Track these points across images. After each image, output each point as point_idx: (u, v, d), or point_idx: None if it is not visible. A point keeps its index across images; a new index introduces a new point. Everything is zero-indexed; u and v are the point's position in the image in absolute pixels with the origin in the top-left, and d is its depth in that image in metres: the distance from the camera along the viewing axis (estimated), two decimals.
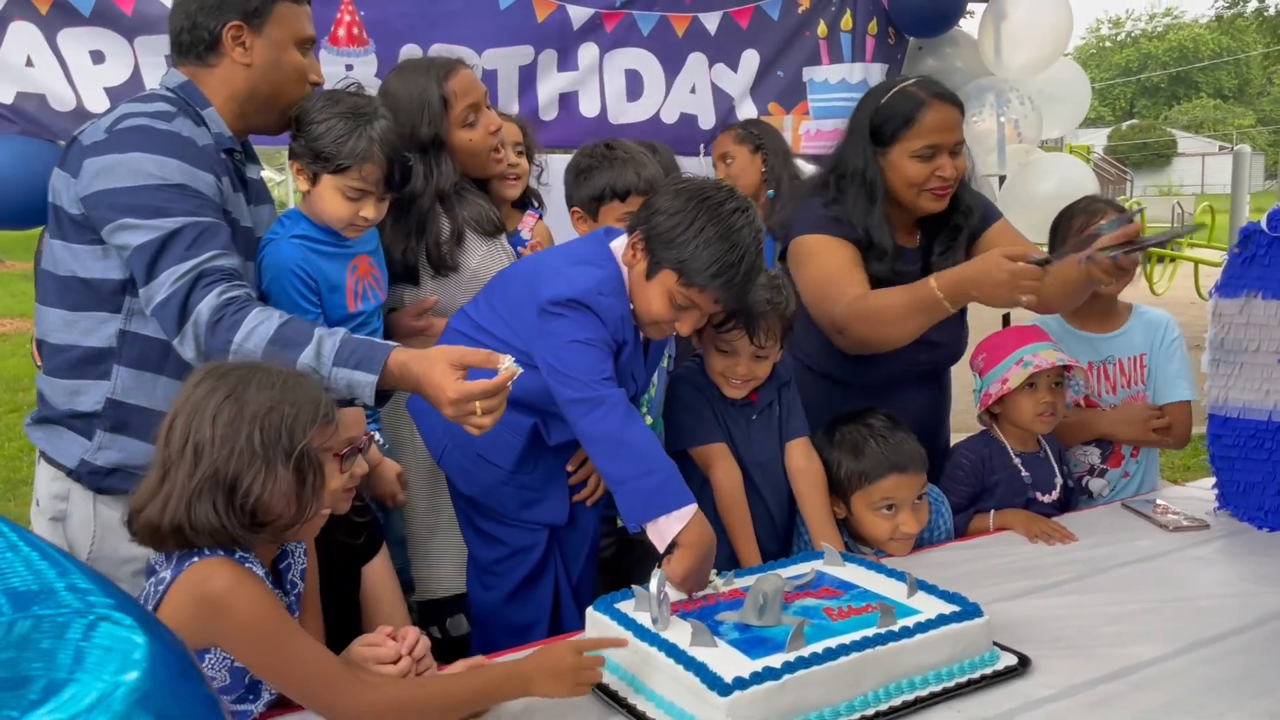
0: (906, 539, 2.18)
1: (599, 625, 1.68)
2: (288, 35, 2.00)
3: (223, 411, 1.47)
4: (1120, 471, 2.67)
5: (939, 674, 1.59)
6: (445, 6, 3.38)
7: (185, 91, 1.97)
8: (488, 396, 1.64)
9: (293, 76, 2.03)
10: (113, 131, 1.85)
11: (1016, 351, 2.43)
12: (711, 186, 1.93)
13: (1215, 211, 12.54)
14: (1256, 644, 1.77)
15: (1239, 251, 2.32)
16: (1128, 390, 2.67)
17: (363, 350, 1.71)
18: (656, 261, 1.89)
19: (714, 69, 3.82)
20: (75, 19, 3.00)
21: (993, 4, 4.14)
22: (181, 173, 1.83)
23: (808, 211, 2.49)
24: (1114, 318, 2.71)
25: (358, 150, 2.03)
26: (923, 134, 2.35)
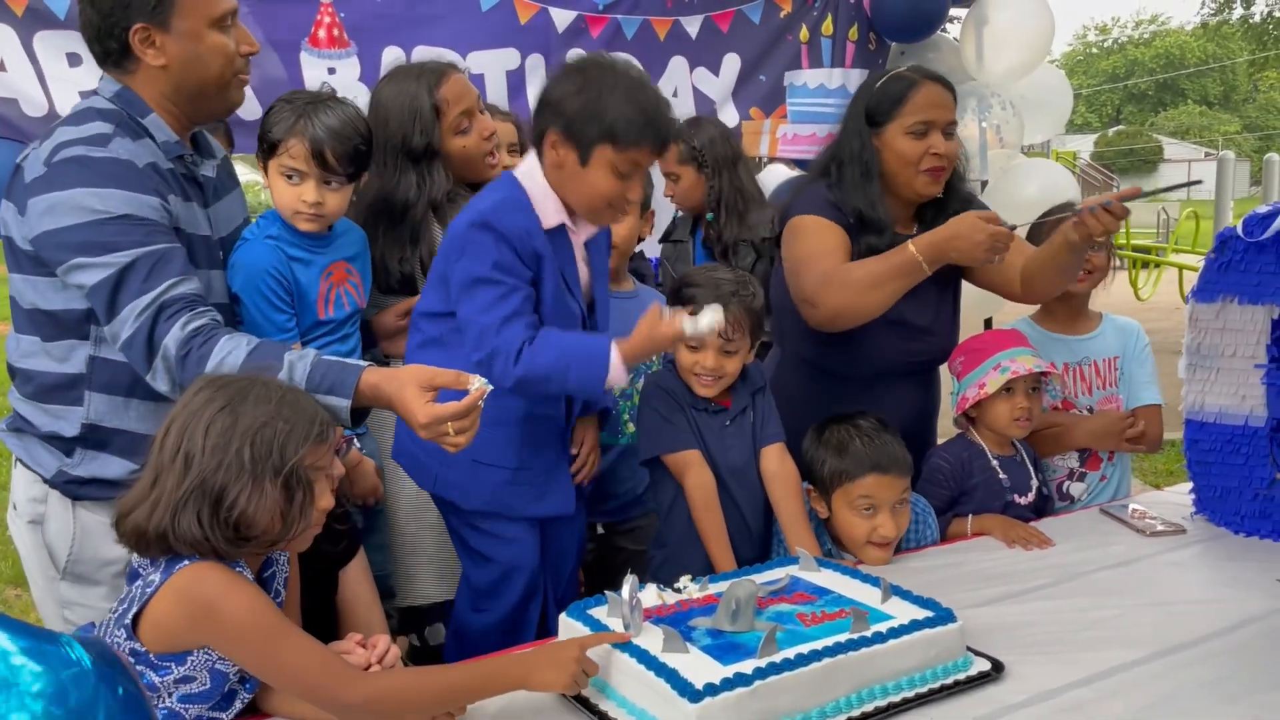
0: (885, 545, 2.16)
1: (571, 631, 1.67)
2: (199, 19, 1.87)
3: (216, 422, 1.46)
4: (1098, 474, 2.68)
5: (912, 679, 1.59)
6: (427, 9, 3.38)
7: (123, 101, 1.90)
8: (459, 418, 1.64)
9: (218, 60, 1.91)
10: (51, 165, 1.79)
11: (994, 356, 2.43)
12: (593, 59, 2.05)
13: (1200, 217, 12.60)
14: (1231, 648, 1.77)
15: (1215, 257, 2.32)
16: (1103, 391, 2.68)
17: (334, 374, 1.69)
18: (587, 143, 1.92)
19: (695, 72, 3.83)
20: (51, 22, 3.00)
21: (975, 10, 4.16)
22: (125, 202, 1.77)
23: (808, 195, 2.51)
24: (1086, 321, 2.73)
25: (285, 129, 2.04)
26: (915, 110, 2.39)
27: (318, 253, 2.15)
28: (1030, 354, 2.43)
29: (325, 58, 3.25)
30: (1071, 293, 2.62)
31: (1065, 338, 2.70)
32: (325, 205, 2.10)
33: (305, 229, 2.11)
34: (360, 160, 2.14)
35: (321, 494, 1.55)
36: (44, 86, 2.99)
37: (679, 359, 2.22)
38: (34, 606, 3.90)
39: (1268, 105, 56.67)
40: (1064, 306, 2.68)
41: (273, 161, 2.09)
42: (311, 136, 2.05)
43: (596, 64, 1.99)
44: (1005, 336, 2.53)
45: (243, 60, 1.96)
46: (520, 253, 1.95)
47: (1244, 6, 27.34)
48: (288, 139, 2.06)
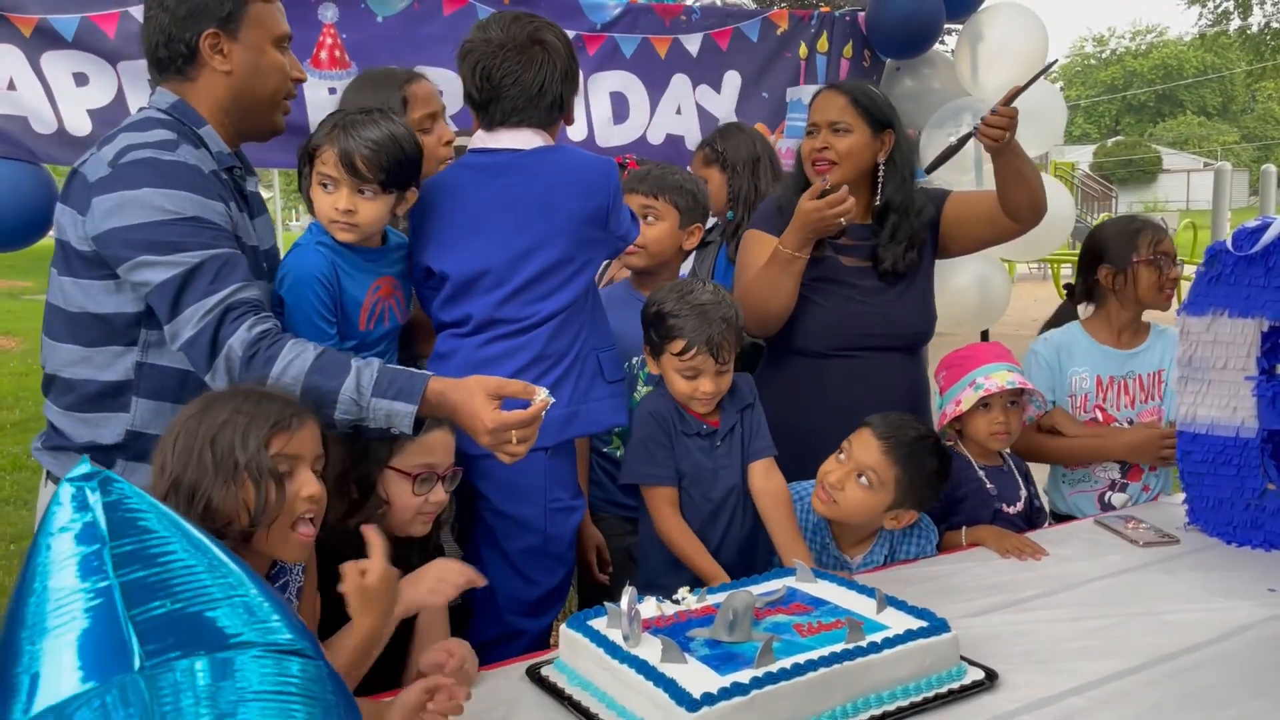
0: (827, 492, 2.21)
1: (572, 642, 1.70)
2: (264, 35, 1.97)
3: (184, 429, 1.52)
4: (1140, 485, 2.71)
5: (906, 688, 1.61)
6: (427, 30, 3.42)
7: (179, 111, 1.95)
8: (523, 426, 1.70)
9: (275, 76, 2.00)
10: (117, 166, 1.81)
11: (971, 373, 2.47)
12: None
13: (1197, 228, 12.64)
14: (1222, 658, 1.79)
15: (1205, 271, 2.36)
16: (1145, 405, 2.70)
17: (401, 380, 1.73)
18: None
19: (698, 90, 3.87)
20: (58, 43, 3.04)
21: (969, 26, 4.20)
22: (194, 205, 1.81)
23: (763, 207, 2.76)
24: (1135, 334, 2.77)
25: (319, 137, 2.06)
26: (810, 115, 2.68)
27: (368, 265, 2.13)
28: (1006, 369, 2.46)
29: (326, 78, 3.29)
30: (1159, 307, 2.74)
31: (1112, 350, 2.74)
32: (358, 214, 2.06)
33: (342, 238, 2.09)
34: (396, 171, 2.09)
35: (303, 482, 1.55)
36: (53, 104, 3.03)
37: (674, 388, 2.22)
38: None
39: (1266, 115, 56.82)
40: (1125, 316, 2.74)
41: (310, 172, 2.10)
42: (342, 145, 2.04)
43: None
44: (984, 351, 2.56)
45: (292, 84, 2.04)
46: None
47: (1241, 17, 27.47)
48: (322, 148, 2.07)
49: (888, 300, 2.65)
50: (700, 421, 2.24)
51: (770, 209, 2.72)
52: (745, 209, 3.09)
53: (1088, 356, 2.71)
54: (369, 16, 3.36)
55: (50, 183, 3.14)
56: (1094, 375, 2.71)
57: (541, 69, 2.09)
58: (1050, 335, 2.82)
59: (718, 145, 3.18)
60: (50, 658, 0.76)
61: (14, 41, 3.02)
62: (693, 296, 2.21)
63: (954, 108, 4.10)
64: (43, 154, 3.05)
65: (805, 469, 2.33)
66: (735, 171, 3.13)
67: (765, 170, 3.14)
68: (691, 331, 2.16)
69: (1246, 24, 27.76)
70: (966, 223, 2.72)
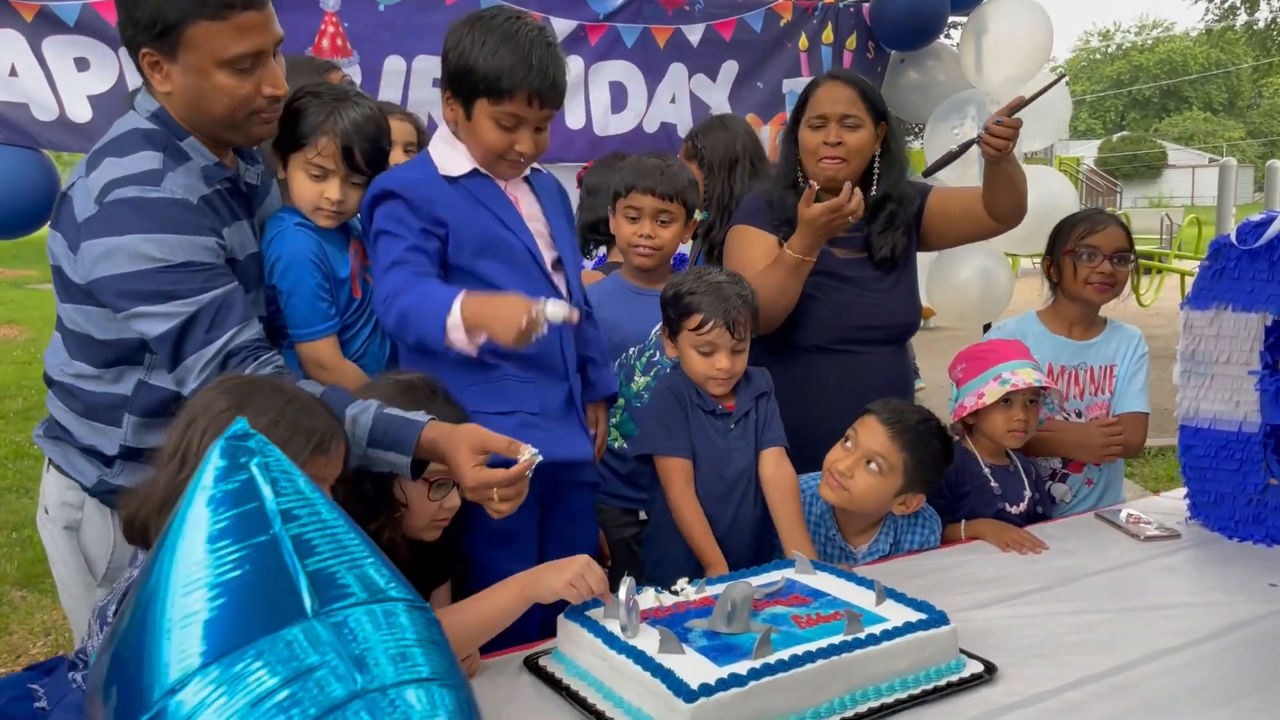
0: (837, 479, 2.22)
1: (570, 632, 1.70)
2: (205, 59, 1.77)
3: (214, 425, 1.44)
4: (1083, 478, 2.71)
5: (905, 681, 1.61)
6: (429, 18, 3.41)
7: (161, 122, 1.86)
8: (506, 485, 1.66)
9: (222, 100, 1.81)
10: (103, 205, 1.75)
11: (995, 367, 2.46)
12: (480, 12, 2.00)
13: (1202, 224, 12.62)
14: (1222, 652, 1.79)
15: (1209, 264, 2.35)
16: (1094, 398, 2.72)
17: (396, 429, 1.69)
18: (467, 98, 1.95)
19: (694, 79, 3.86)
20: (60, 28, 3.03)
21: (974, 18, 4.19)
22: (184, 248, 1.75)
23: (749, 201, 2.71)
24: (1091, 327, 2.77)
25: (314, 125, 2.03)
26: (814, 106, 2.59)
27: (340, 234, 2.15)
28: (1032, 367, 2.46)
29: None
30: (1093, 301, 2.71)
31: (1066, 340, 2.74)
32: (347, 203, 2.09)
33: (322, 224, 2.10)
34: (380, 161, 2.14)
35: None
36: (54, 91, 3.03)
37: (691, 369, 2.25)
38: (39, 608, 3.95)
39: (1272, 111, 56.69)
40: (1074, 310, 2.73)
41: (297, 155, 2.06)
42: (343, 134, 2.04)
43: (475, 19, 1.97)
44: (1008, 347, 2.56)
45: (264, 100, 1.86)
46: (411, 202, 1.96)
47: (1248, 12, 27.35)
48: (317, 137, 2.03)
49: (883, 292, 2.67)
50: (716, 402, 2.26)
51: (757, 204, 2.69)
52: (718, 211, 3.02)
53: (1039, 344, 2.70)
54: (370, 5, 3.35)
55: (52, 169, 3.13)
56: (1045, 364, 2.70)
57: None
58: (1005, 323, 2.87)
59: (698, 141, 3.15)
60: (226, 606, 0.82)
61: (16, 27, 3.01)
62: (710, 276, 2.27)
63: (958, 100, 4.08)
64: (44, 140, 3.04)
65: (804, 463, 2.33)
66: (711, 171, 3.08)
67: (743, 173, 3.06)
68: (708, 306, 2.19)
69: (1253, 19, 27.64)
70: (949, 218, 2.74)
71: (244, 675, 0.80)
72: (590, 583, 1.67)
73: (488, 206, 2.03)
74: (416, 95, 3.45)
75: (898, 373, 2.75)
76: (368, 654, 0.84)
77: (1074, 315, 2.75)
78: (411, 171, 2.03)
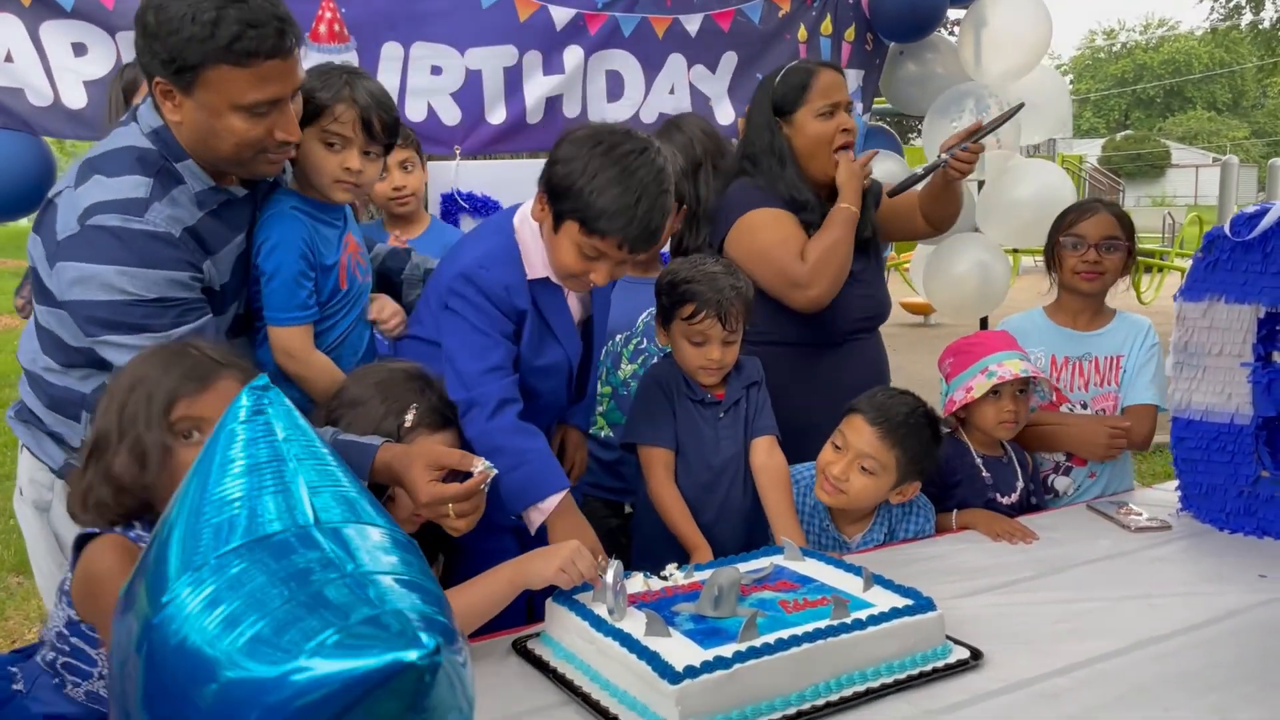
0: (832, 483, 2.21)
1: (558, 616, 1.70)
2: (221, 100, 1.77)
3: (105, 391, 1.51)
4: (1086, 471, 2.70)
5: (890, 666, 1.61)
6: (427, 5, 3.41)
7: (161, 141, 1.84)
8: (460, 500, 1.65)
9: (229, 140, 1.81)
10: (84, 227, 1.74)
11: (982, 360, 2.46)
12: (608, 131, 1.93)
13: (1204, 222, 12.60)
14: (1208, 641, 1.79)
15: (1203, 256, 2.35)
16: (1100, 389, 2.70)
17: (351, 454, 1.68)
18: (559, 213, 1.91)
19: (693, 70, 3.86)
20: (57, 12, 3.02)
21: (973, 11, 4.18)
22: (159, 283, 1.74)
23: (738, 193, 2.64)
24: (1097, 317, 2.75)
25: (329, 93, 2.01)
26: (821, 94, 2.60)
27: (335, 225, 2.15)
28: (1019, 358, 2.45)
29: (324, 52, 3.27)
30: (1083, 291, 2.69)
31: (1070, 331, 2.74)
32: (364, 175, 2.07)
33: (339, 199, 2.09)
34: (395, 134, 2.13)
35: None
36: (49, 76, 3.02)
37: (683, 358, 2.25)
38: (35, 594, 3.96)
39: (1276, 111, 56.57)
40: (1076, 302, 2.73)
41: (312, 128, 2.02)
42: (362, 103, 2.02)
43: (598, 140, 1.90)
44: (994, 339, 2.56)
45: (273, 143, 1.85)
46: (501, 308, 1.96)
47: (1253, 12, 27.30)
48: (335, 105, 2.01)
49: (867, 282, 2.70)
50: (705, 391, 2.26)
51: (749, 193, 2.61)
52: (688, 221, 2.80)
53: (1044, 337, 2.73)
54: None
55: (48, 154, 3.13)
56: (1049, 355, 2.71)
57: None
58: (1010, 319, 2.85)
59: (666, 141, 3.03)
60: (253, 506, 0.95)
61: (13, 11, 3.00)
62: (705, 266, 2.26)
63: (957, 93, 4.08)
64: (39, 126, 3.04)
65: (801, 455, 2.34)
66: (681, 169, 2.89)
67: (706, 176, 2.85)
68: (702, 296, 2.19)
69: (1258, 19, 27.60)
70: (896, 214, 2.84)
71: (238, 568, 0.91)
72: (581, 568, 1.68)
73: (546, 318, 2.04)
74: (414, 81, 3.45)
75: (884, 359, 2.80)
76: (358, 552, 0.94)
77: (1076, 306, 2.74)
78: (503, 273, 1.99)
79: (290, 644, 0.83)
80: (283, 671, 0.83)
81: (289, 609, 0.86)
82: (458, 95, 3.54)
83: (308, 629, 0.84)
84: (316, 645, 0.83)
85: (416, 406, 1.83)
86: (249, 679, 0.83)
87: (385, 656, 0.83)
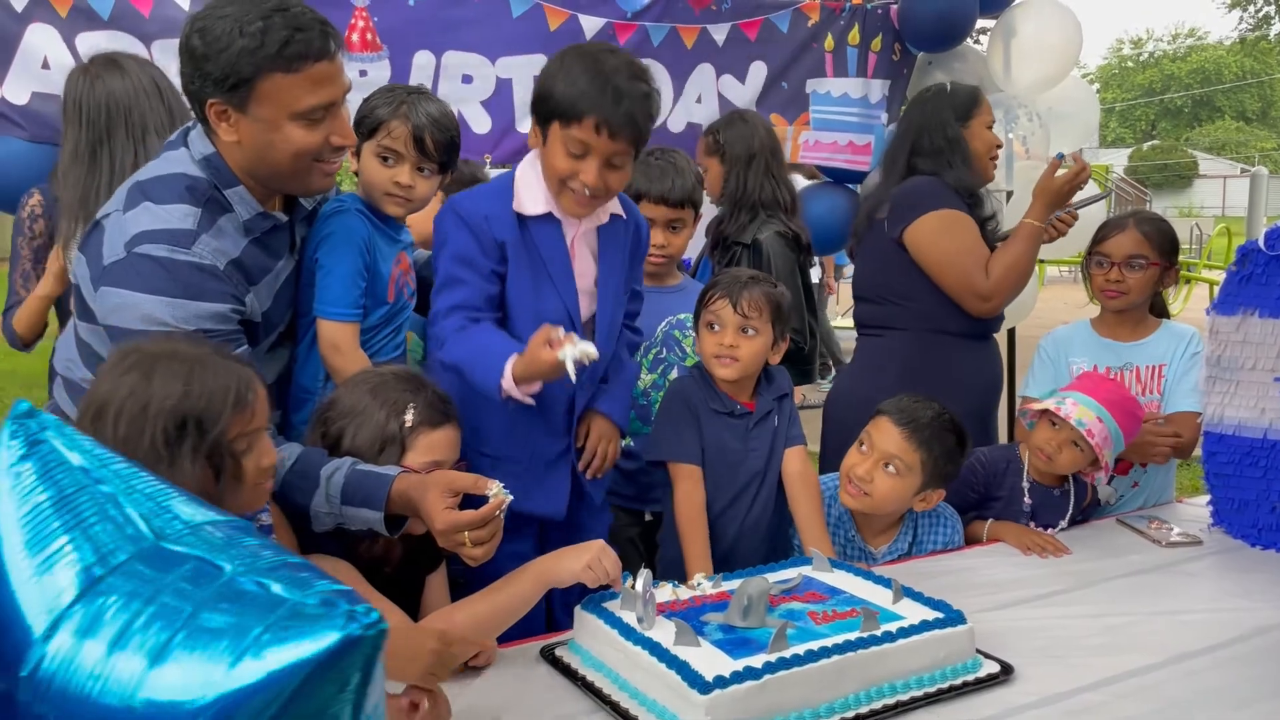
0: (856, 485, 2.21)
1: (587, 623, 1.70)
2: (279, 111, 1.76)
3: (127, 406, 1.38)
4: (1130, 480, 2.68)
5: (920, 679, 1.61)
6: (458, 14, 3.43)
7: (212, 168, 1.84)
8: (475, 527, 1.61)
9: (288, 150, 1.80)
10: (131, 254, 1.73)
11: (1071, 392, 2.41)
12: (588, 44, 2.06)
13: (1232, 234, 12.50)
14: (1240, 658, 1.78)
15: (1236, 270, 2.33)
16: (1142, 399, 2.67)
17: (368, 486, 1.67)
18: (544, 120, 1.95)
19: (721, 79, 3.87)
20: (95, 22, 3.07)
21: (1002, 21, 4.17)
22: (198, 316, 1.74)
23: (925, 186, 2.79)
24: (1139, 328, 2.74)
25: (388, 109, 2.09)
26: (988, 109, 2.93)
27: (393, 240, 2.19)
28: (1091, 409, 2.34)
29: (358, 60, 3.31)
30: (1108, 309, 2.75)
31: (1111, 342, 2.74)
32: (415, 190, 2.14)
33: (391, 212, 2.14)
34: (452, 154, 2.20)
35: (262, 453, 1.49)
36: None
37: (702, 347, 2.25)
38: None
39: None
40: (1116, 315, 2.74)
41: (369, 144, 2.12)
42: (415, 121, 2.10)
43: (574, 48, 2.00)
44: (1098, 384, 2.46)
45: (331, 150, 1.86)
46: (480, 240, 1.97)
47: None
48: (390, 120, 2.10)
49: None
50: (734, 401, 2.25)
51: (938, 189, 2.77)
52: (731, 205, 3.00)
53: (1086, 348, 2.75)
54: (400, 0, 3.38)
55: None
56: (1091, 365, 2.70)
57: None
58: (1056, 330, 2.86)
59: (720, 136, 3.11)
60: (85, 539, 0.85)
61: (51, 21, 3.06)
62: (738, 271, 2.33)
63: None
64: None
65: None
66: (732, 165, 3.04)
67: (759, 169, 3.01)
68: (719, 282, 2.25)
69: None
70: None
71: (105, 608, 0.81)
72: (606, 565, 1.68)
73: (543, 258, 2.02)
74: (445, 89, 3.48)
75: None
76: (219, 553, 0.87)
77: (1115, 318, 2.75)
78: (485, 204, 2.01)
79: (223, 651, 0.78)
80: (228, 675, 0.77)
81: (193, 626, 0.79)
82: (488, 104, 3.57)
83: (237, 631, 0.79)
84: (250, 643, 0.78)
85: (414, 405, 1.83)
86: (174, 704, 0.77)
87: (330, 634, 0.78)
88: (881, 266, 2.87)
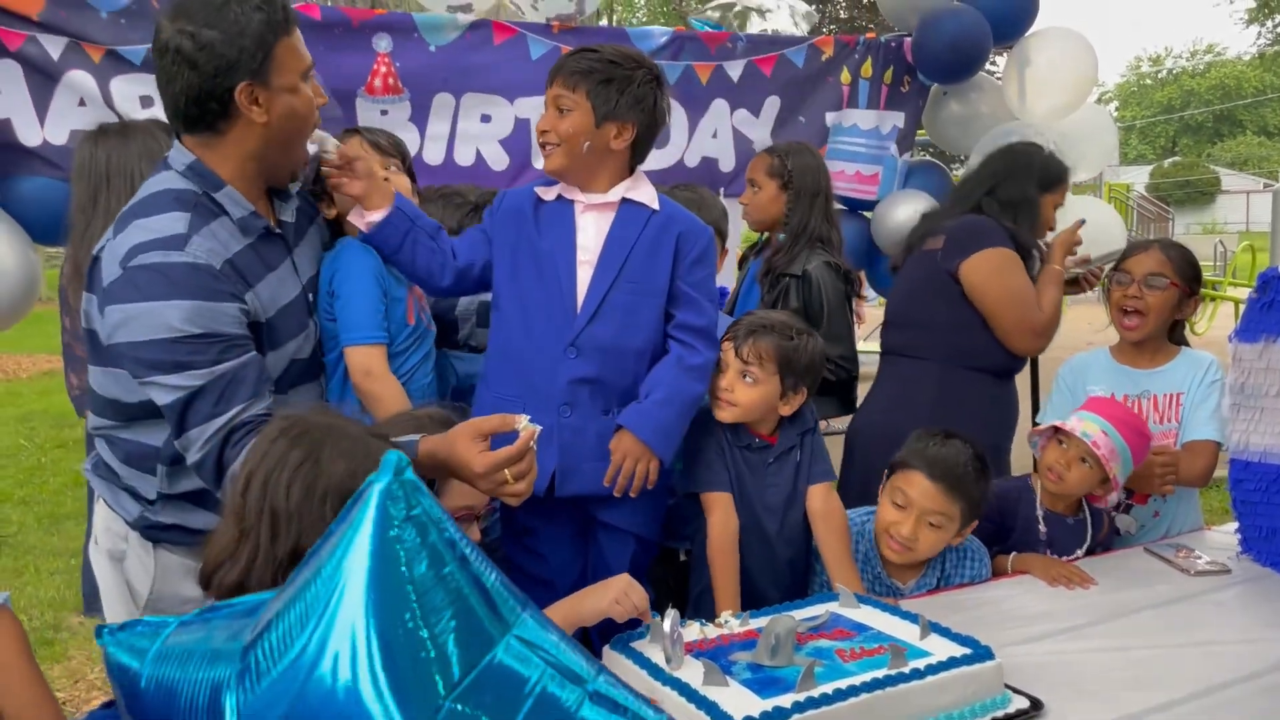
0: (900, 543, 2.19)
1: (616, 663, 1.71)
2: (293, 74, 1.87)
3: (298, 479, 1.44)
4: (1150, 510, 2.67)
5: (950, 716, 1.61)
6: (478, 58, 3.49)
7: (197, 175, 1.86)
8: (514, 462, 1.63)
9: (308, 109, 1.92)
10: (127, 269, 1.75)
11: (1084, 412, 2.43)
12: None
13: (1256, 250, 12.40)
14: (1271, 689, 1.76)
15: (1258, 297, 2.33)
16: (1159, 426, 2.67)
17: None
18: None
19: (736, 114, 3.90)
20: (126, 67, 3.14)
21: (1017, 50, 4.19)
22: (202, 316, 1.74)
23: (988, 226, 2.88)
24: (1157, 355, 2.74)
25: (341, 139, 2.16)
26: (1063, 193, 3.02)
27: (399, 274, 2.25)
28: (1103, 427, 2.37)
29: (379, 103, 3.37)
30: (1125, 339, 2.75)
31: (1129, 369, 2.74)
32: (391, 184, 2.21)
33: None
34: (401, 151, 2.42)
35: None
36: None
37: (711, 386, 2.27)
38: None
39: None
40: (1140, 340, 2.73)
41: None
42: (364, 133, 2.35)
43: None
44: (1107, 406, 2.50)
45: (317, 114, 1.96)
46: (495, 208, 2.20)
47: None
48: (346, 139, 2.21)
49: None
50: (753, 436, 2.26)
51: (1005, 234, 2.84)
52: (792, 238, 3.08)
53: (1104, 374, 2.76)
54: (421, 46, 3.43)
55: None
56: (1109, 393, 2.68)
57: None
58: (1075, 357, 2.87)
59: (788, 162, 3.15)
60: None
61: (85, 68, 3.14)
62: (771, 314, 2.34)
63: (1002, 132, 4.07)
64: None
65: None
66: (799, 197, 3.12)
67: (820, 205, 3.13)
68: (734, 325, 2.29)
69: None
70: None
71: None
72: (634, 600, 1.70)
73: (544, 228, 2.11)
74: (463, 128, 3.56)
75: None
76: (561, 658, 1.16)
77: (1134, 346, 2.75)
78: (525, 189, 2.22)
79: None
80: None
81: None
82: (506, 142, 3.62)
83: None
84: None
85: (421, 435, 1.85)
86: None
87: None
88: (924, 294, 2.91)
